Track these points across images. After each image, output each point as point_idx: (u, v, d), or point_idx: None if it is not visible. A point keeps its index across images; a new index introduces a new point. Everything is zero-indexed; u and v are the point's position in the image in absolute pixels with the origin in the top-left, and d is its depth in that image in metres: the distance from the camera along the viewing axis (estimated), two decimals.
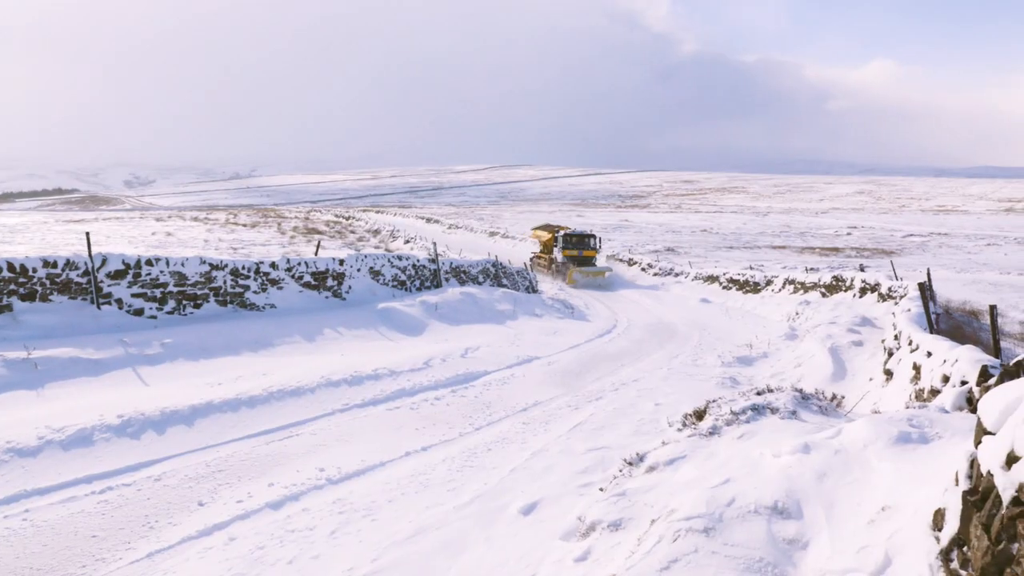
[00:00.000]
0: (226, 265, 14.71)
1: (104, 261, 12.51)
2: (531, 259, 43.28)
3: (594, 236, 40.16)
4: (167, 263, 13.50)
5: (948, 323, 15.97)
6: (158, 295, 13.27)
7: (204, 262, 14.26)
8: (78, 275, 12.12)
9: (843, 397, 9.95)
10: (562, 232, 40.75)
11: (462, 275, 23.72)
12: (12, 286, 11.34)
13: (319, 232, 45.22)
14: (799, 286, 26.49)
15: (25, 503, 5.93)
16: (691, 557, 4.25)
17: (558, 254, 39.82)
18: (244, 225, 46.40)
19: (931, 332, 10.99)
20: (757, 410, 7.66)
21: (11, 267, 11.33)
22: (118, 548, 5.35)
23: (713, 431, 7.24)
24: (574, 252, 38.77)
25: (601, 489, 6.50)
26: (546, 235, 43.56)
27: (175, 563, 5.19)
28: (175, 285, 13.58)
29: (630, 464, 6.86)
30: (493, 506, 6.33)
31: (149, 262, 13.21)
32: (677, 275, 37.53)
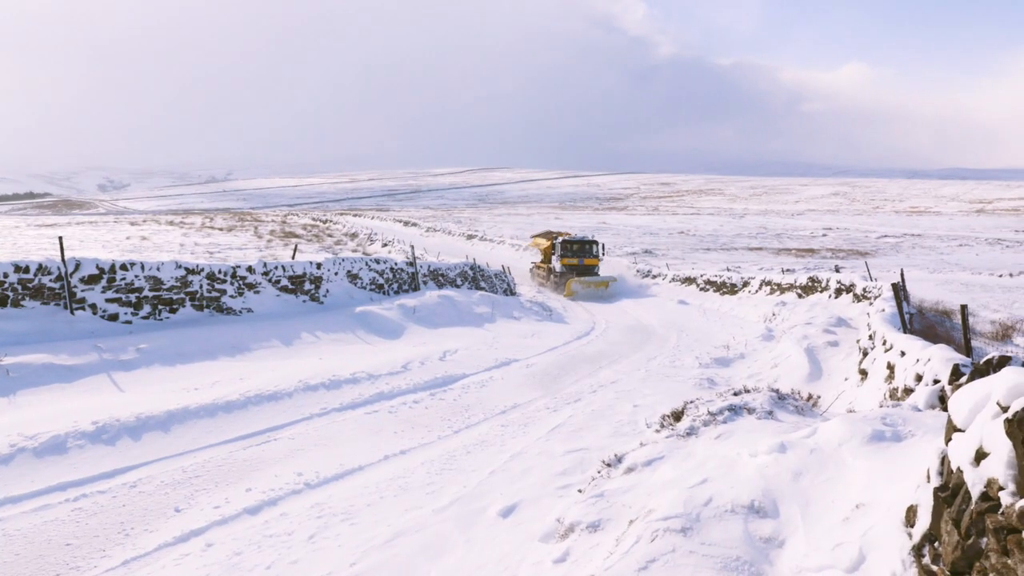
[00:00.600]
0: (202, 269, 14.60)
1: (78, 266, 12.37)
2: (531, 269, 41.29)
3: (596, 243, 37.01)
4: (142, 267, 13.37)
5: (921, 323, 16.18)
6: (133, 300, 13.14)
7: (180, 266, 14.14)
8: (51, 280, 11.97)
9: (819, 397, 10.06)
10: (561, 238, 37.48)
11: (440, 278, 23.69)
12: None
13: (296, 236, 44.99)
14: (775, 287, 26.71)
15: None
16: (669, 557, 4.28)
17: (556, 263, 36.54)
18: (220, 229, 46.06)
19: (905, 332, 11.13)
20: (734, 410, 7.73)
21: None
22: (93, 556, 5.29)
23: (691, 432, 7.29)
24: (574, 260, 35.74)
25: (580, 491, 6.52)
26: (546, 243, 40.22)
27: (151, 570, 5.14)
28: (150, 290, 13.45)
29: (608, 465, 6.88)
30: (472, 509, 6.33)
31: (124, 267, 13.08)
32: (655, 277, 37.74)
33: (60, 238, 13.37)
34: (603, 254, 37.18)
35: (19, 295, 11.59)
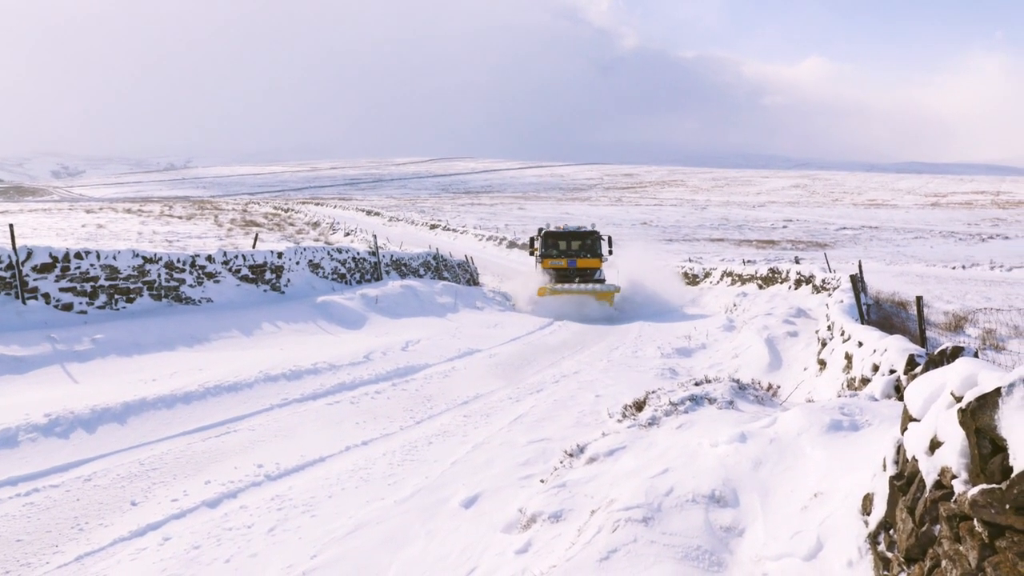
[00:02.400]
0: (160, 258, 14.34)
1: (30, 254, 12.07)
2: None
3: (597, 235, 25.52)
4: (98, 256, 13.09)
5: (878, 314, 16.48)
6: (88, 289, 12.85)
7: (137, 255, 13.87)
8: (1, 269, 11.66)
9: (779, 387, 10.18)
10: (545, 228, 26.23)
11: (403, 268, 23.57)
12: None
13: (257, 224, 44.43)
14: (737, 278, 27.01)
15: None
16: (630, 547, 4.30)
17: (537, 265, 25.48)
18: (179, 217, 45.32)
19: (862, 323, 11.32)
20: (695, 400, 7.80)
21: None
22: (45, 552, 5.17)
23: (652, 422, 7.34)
24: (561, 262, 24.53)
25: (542, 481, 6.53)
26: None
27: (106, 565, 5.04)
28: (107, 279, 13.17)
29: (571, 456, 6.91)
30: (434, 500, 6.31)
31: (79, 255, 12.79)
32: (619, 269, 37.93)
33: (11, 225, 13.01)
34: (610, 251, 25.42)
35: None
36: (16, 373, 9.36)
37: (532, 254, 25.83)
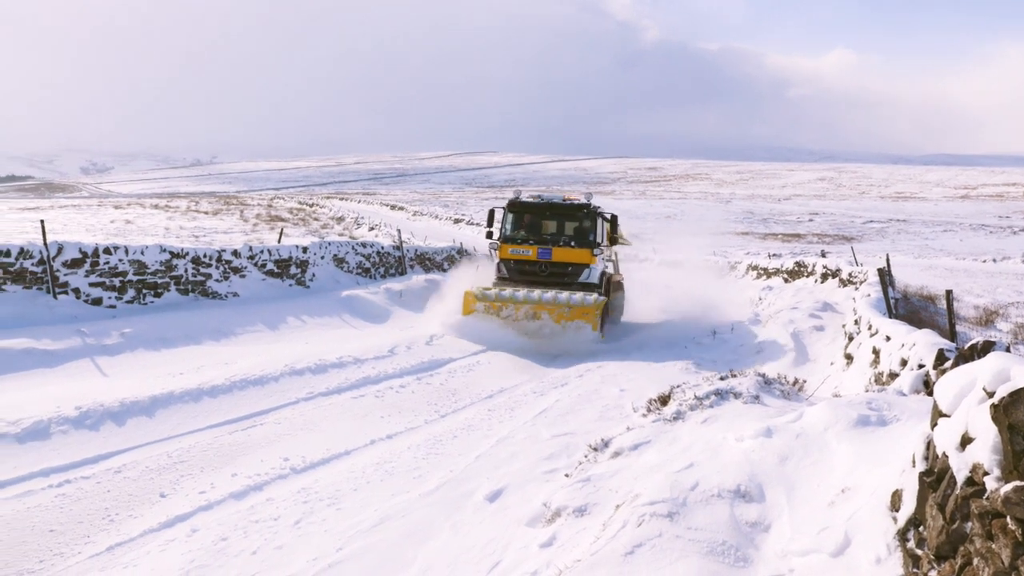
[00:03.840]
0: (187, 253, 14.49)
1: (60, 249, 12.24)
2: None
3: (589, 211, 16.17)
4: (126, 251, 13.26)
5: (906, 308, 16.29)
6: (117, 284, 13.02)
7: (165, 250, 14.03)
8: (33, 264, 11.83)
9: (805, 381, 10.10)
10: (514, 197, 16.74)
11: (427, 262, 23.64)
12: None
13: (282, 219, 44.74)
14: (762, 272, 26.81)
15: None
16: (655, 541, 4.29)
17: (494, 255, 16.52)
18: (206, 212, 45.74)
19: (890, 317, 11.19)
20: (720, 395, 7.75)
21: None
22: (77, 542, 5.26)
23: (677, 416, 7.31)
24: (530, 252, 15.80)
25: (566, 475, 6.53)
26: None
27: (136, 556, 5.11)
28: (135, 274, 13.34)
29: (595, 450, 6.90)
30: (458, 493, 6.33)
31: (108, 250, 12.96)
32: (641, 261, 37.76)
33: (42, 221, 13.21)
34: (612, 239, 17.63)
35: (0, 279, 11.45)
36: (47, 366, 9.51)
37: (489, 236, 16.18)
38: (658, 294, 22.44)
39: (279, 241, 19.53)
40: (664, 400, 8.50)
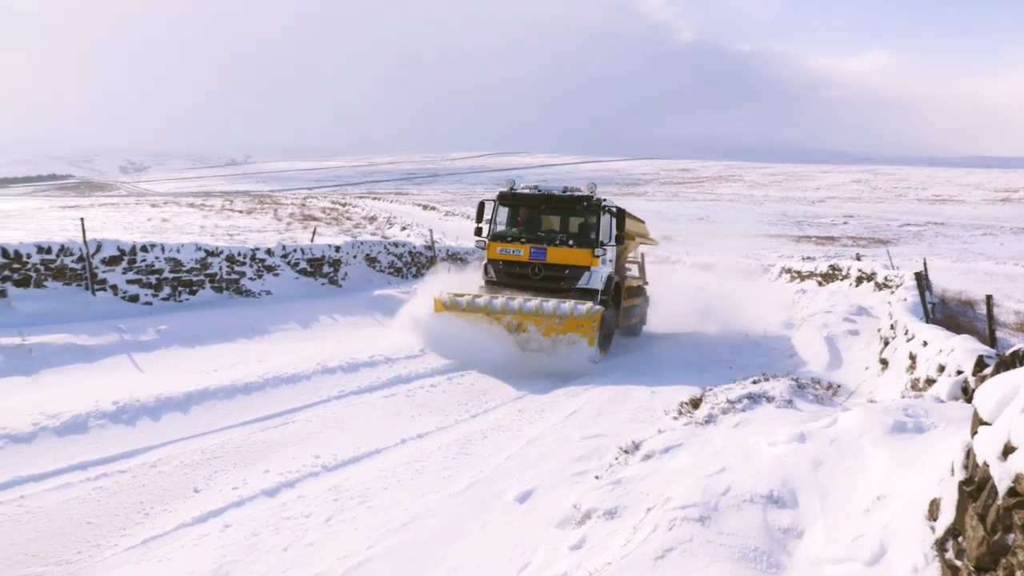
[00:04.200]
0: (222, 251, 14.67)
1: (99, 247, 12.47)
2: None
3: (592, 204, 13.72)
4: (162, 249, 13.46)
5: (944, 313, 16.02)
6: (153, 281, 13.22)
7: (200, 248, 14.23)
8: (73, 261, 12.06)
9: (839, 386, 9.97)
10: (506, 187, 14.51)
11: (459, 262, 23.70)
12: (6, 272, 11.29)
13: (315, 219, 45.10)
14: (795, 275, 26.53)
15: (20, 489, 5.91)
16: (686, 546, 4.25)
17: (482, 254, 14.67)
18: (240, 211, 46.27)
19: (927, 322, 11.01)
20: (753, 399, 7.68)
21: (5, 253, 11.28)
22: (113, 534, 5.34)
23: (709, 419, 7.26)
24: (520, 249, 13.64)
25: (597, 477, 6.50)
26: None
27: (170, 549, 5.18)
28: (170, 271, 13.54)
29: (626, 452, 6.86)
30: (488, 494, 6.33)
31: (144, 248, 13.17)
32: (674, 264, 37.52)
33: (82, 219, 13.47)
34: (619, 236, 14.03)
35: (42, 276, 11.69)
36: (86, 361, 9.69)
37: (478, 233, 14.21)
38: (689, 297, 22.21)
39: (312, 240, 19.71)
40: (696, 403, 8.44)
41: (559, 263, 13.38)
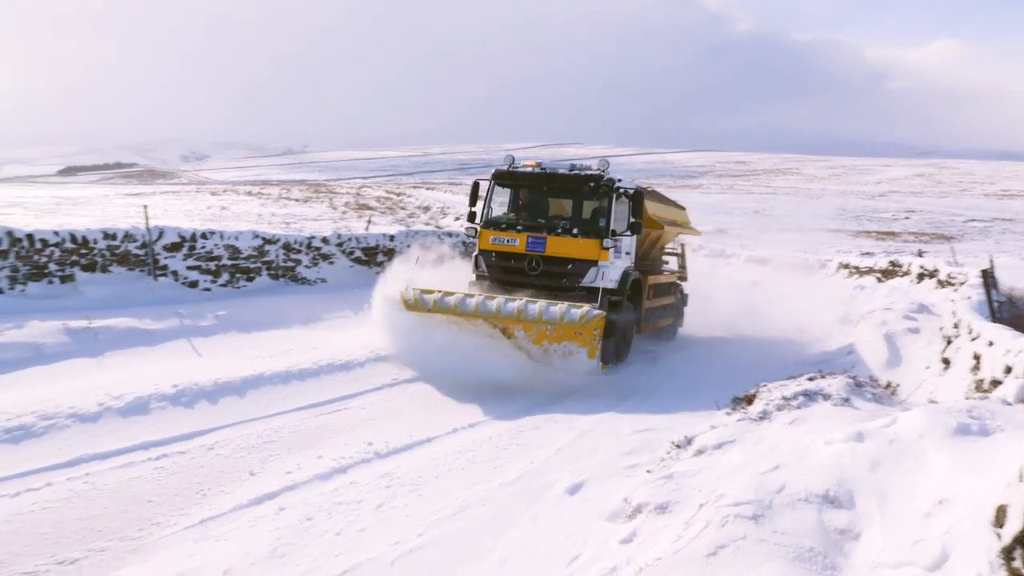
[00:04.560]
0: (278, 239, 14.93)
1: (161, 234, 12.79)
2: None
3: (604, 184, 11.35)
4: (221, 237, 13.75)
5: (1011, 312, 15.49)
6: (212, 268, 13.53)
7: (257, 236, 14.50)
8: (136, 247, 12.41)
9: (898, 385, 9.73)
10: (509, 166, 12.05)
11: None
12: (74, 257, 11.67)
13: (370, 208, 45.57)
14: (853, 270, 25.90)
15: (86, 467, 6.12)
16: (739, 544, 4.20)
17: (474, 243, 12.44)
18: (296, 200, 46.99)
19: (993, 321, 10.67)
20: (809, 396, 7.54)
21: (73, 238, 11.66)
22: (172, 513, 5.49)
23: (763, 416, 7.15)
24: (515, 238, 11.53)
25: (648, 471, 6.46)
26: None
27: (227, 530, 5.30)
28: (229, 258, 13.82)
29: (678, 447, 6.81)
30: (539, 485, 6.34)
31: (204, 235, 13.47)
32: (728, 257, 36.99)
33: (145, 207, 13.83)
34: (634, 223, 11.52)
35: (107, 261, 12.05)
36: (147, 345, 9.97)
37: (471, 219, 12.39)
38: (742, 291, 21.74)
39: (367, 229, 19.93)
40: (750, 399, 8.32)
41: (560, 256, 11.31)
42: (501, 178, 12.07)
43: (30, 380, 8.14)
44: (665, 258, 16.02)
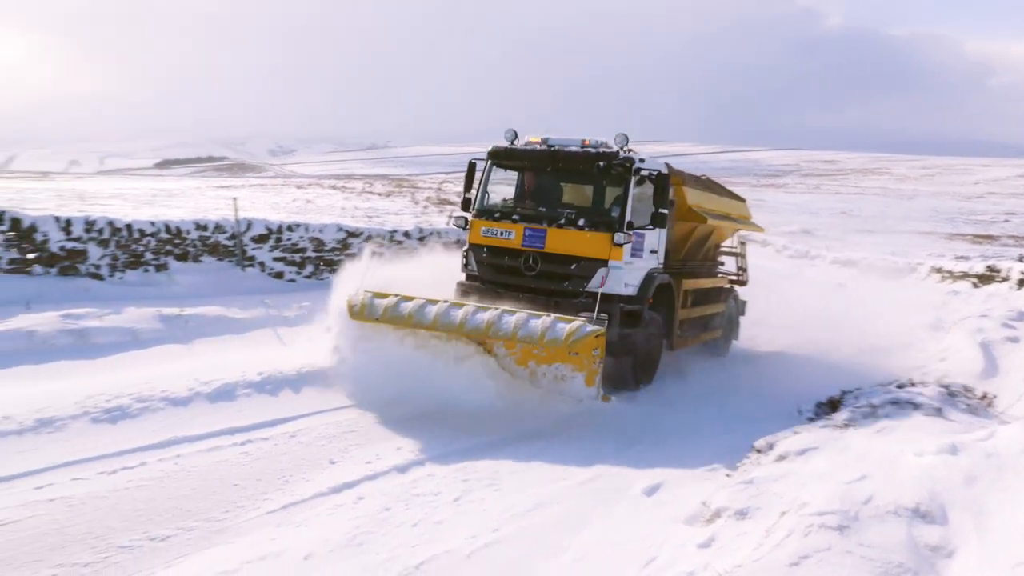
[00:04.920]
0: (362, 232, 15.23)
1: (249, 225, 13.21)
2: None
3: (619, 163, 9.19)
4: (306, 229, 14.11)
5: None
6: (297, 259, 13.89)
7: (341, 229, 14.82)
8: (225, 238, 12.84)
9: (995, 396, 9.30)
10: (511, 142, 10.10)
11: None
12: (168, 247, 12.15)
13: (451, 203, 45.95)
14: (947, 275, 24.84)
15: (177, 449, 6.37)
16: (823, 555, 4.06)
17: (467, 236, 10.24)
18: (379, 194, 47.77)
19: None
20: (897, 404, 7.29)
21: (168, 229, 12.15)
22: (256, 498, 5.65)
23: (848, 423, 6.94)
24: (510, 229, 9.58)
25: (728, 475, 6.34)
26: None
27: (307, 516, 5.43)
28: (313, 250, 14.17)
29: (758, 451, 6.66)
30: (616, 485, 6.29)
31: (290, 228, 13.84)
32: (813, 258, 35.95)
33: (235, 199, 14.30)
34: (660, 212, 9.27)
35: (198, 251, 12.51)
36: (235, 333, 10.31)
37: (466, 207, 10.39)
38: (823, 296, 20.89)
39: (448, 224, 20.11)
40: (834, 405, 8.10)
41: (562, 253, 9.25)
42: (498, 157, 10.11)
43: (127, 363, 8.54)
44: (721, 258, 13.96)
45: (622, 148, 9.37)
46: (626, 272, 9.19)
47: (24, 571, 4.35)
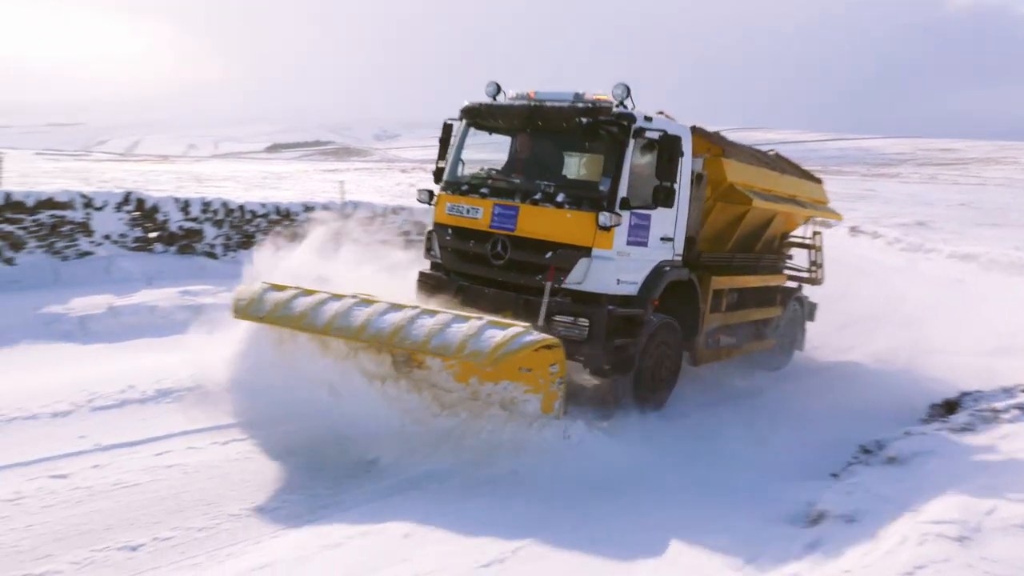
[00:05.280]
0: None
1: (355, 208, 13.53)
2: None
3: (599, 111, 7.00)
4: (411, 213, 14.36)
5: None
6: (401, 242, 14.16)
7: None
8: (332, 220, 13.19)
9: None
10: (492, 97, 7.97)
11: None
12: (278, 228, 12.58)
13: None
14: None
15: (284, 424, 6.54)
16: (940, 566, 3.84)
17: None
18: None
19: None
20: None
21: (277, 210, 12.59)
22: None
23: (967, 427, 6.60)
24: (478, 206, 7.56)
25: (833, 475, 6.11)
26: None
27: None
28: (416, 234, 14.40)
29: (867, 452, 6.41)
30: (715, 480, 6.15)
31: (395, 211, 14.12)
32: (928, 252, 34.23)
33: (341, 183, 14.68)
34: (666, 185, 6.91)
35: (306, 232, 12.90)
36: None
37: (437, 178, 8.29)
38: (935, 294, 19.55)
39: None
40: (951, 407, 7.72)
41: (536, 237, 7.23)
42: (472, 115, 8.08)
43: None
44: (789, 252, 11.71)
45: (620, 102, 7.13)
46: (619, 264, 7.06)
47: (146, 531, 4.59)
